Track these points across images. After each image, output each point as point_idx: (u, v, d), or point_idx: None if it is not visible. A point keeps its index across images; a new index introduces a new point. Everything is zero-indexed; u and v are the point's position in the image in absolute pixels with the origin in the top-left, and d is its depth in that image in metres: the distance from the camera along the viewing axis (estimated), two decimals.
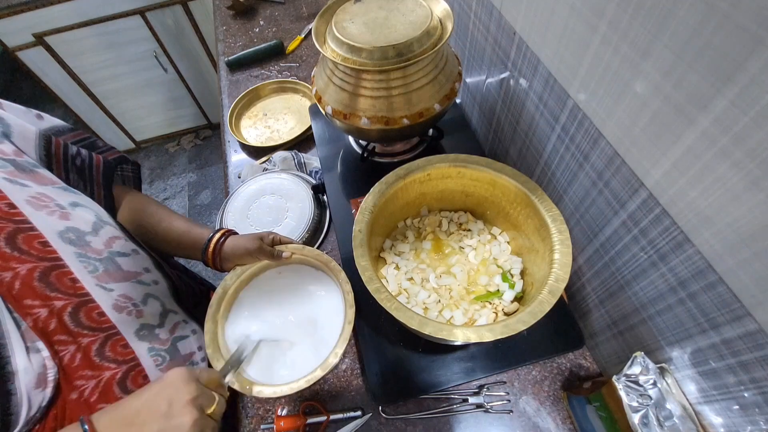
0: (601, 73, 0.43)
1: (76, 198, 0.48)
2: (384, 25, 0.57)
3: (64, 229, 0.44)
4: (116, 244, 0.49)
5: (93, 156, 0.56)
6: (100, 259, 0.46)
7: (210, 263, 0.61)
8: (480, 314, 0.58)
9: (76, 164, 0.53)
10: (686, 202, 0.38)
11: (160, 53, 1.84)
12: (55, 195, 0.45)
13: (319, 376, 0.51)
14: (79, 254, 0.45)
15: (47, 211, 0.44)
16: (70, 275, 0.44)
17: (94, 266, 0.46)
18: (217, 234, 0.61)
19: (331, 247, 0.82)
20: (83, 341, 0.44)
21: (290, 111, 1.08)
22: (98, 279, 0.46)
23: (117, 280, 0.48)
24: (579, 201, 0.55)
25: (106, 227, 0.49)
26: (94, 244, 0.46)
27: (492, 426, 0.61)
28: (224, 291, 0.60)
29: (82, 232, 0.46)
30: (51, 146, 0.50)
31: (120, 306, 0.48)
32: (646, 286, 0.47)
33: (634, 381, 0.48)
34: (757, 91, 0.29)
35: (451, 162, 0.59)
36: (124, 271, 0.49)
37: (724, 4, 0.29)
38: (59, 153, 0.51)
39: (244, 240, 0.61)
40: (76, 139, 0.57)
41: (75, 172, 0.53)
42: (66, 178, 0.51)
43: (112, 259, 0.48)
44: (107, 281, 0.47)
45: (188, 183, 2.20)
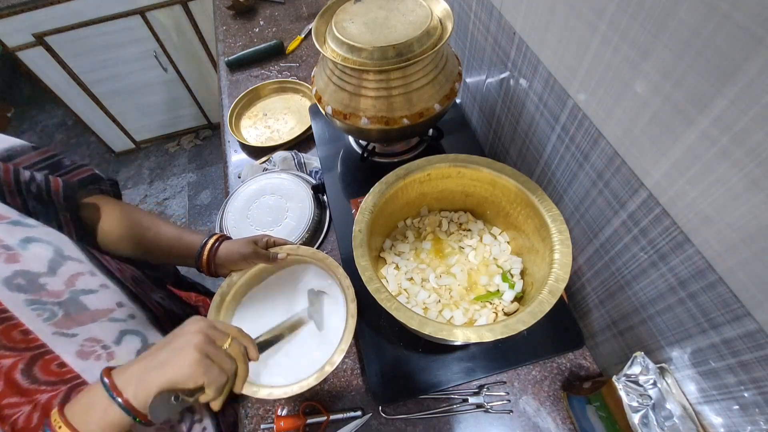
0: (601, 73, 0.43)
1: (30, 232, 0.42)
2: (384, 25, 0.57)
3: (11, 275, 0.39)
4: (80, 281, 0.45)
5: (50, 180, 0.50)
6: (59, 302, 0.42)
7: (204, 270, 0.60)
8: (480, 314, 0.58)
9: (32, 190, 0.48)
10: (686, 202, 0.38)
11: (160, 53, 1.84)
12: (1, 234, 0.40)
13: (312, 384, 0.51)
14: (30, 301, 0.40)
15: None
16: (19, 327, 0.39)
17: (51, 312, 0.41)
18: (210, 240, 0.60)
19: (331, 247, 0.82)
20: (41, 398, 0.40)
21: (290, 111, 1.08)
22: (57, 326, 0.42)
23: (82, 322, 0.44)
24: (579, 201, 0.55)
25: (67, 263, 0.44)
26: (52, 286, 0.42)
27: (492, 426, 0.61)
28: (221, 299, 0.59)
29: (35, 275, 0.41)
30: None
31: (85, 352, 0.44)
32: (646, 286, 0.47)
33: (634, 381, 0.48)
34: (757, 91, 0.29)
35: (451, 162, 0.59)
36: (91, 311, 0.45)
37: (724, 4, 0.29)
38: (9, 180, 0.46)
39: (238, 245, 0.60)
40: (41, 157, 0.53)
41: (33, 199, 0.48)
42: (23, 204, 0.46)
43: (75, 300, 0.44)
44: (69, 326, 0.43)
45: (188, 183, 2.20)
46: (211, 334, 0.39)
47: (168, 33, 1.79)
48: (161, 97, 2.07)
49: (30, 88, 2.64)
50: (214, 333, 0.40)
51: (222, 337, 0.41)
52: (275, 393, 0.51)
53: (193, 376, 0.36)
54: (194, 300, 0.73)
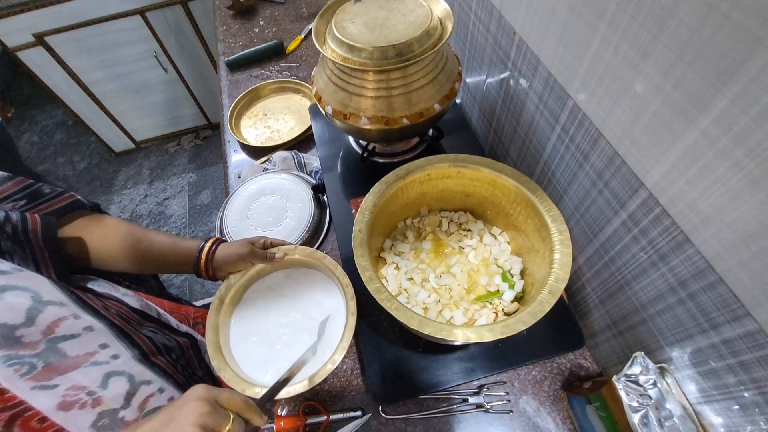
0: (601, 73, 0.43)
1: (4, 280, 0.40)
2: (384, 25, 0.57)
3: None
4: (60, 326, 0.43)
5: (27, 219, 0.47)
6: (37, 353, 0.40)
7: (203, 274, 0.59)
8: (480, 314, 0.58)
9: (7, 231, 0.45)
10: (686, 202, 0.38)
11: (160, 53, 1.84)
12: None
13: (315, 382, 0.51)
14: (6, 357, 0.38)
15: None
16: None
17: (30, 365, 0.40)
18: (207, 243, 0.60)
19: (331, 247, 0.82)
20: None
21: (290, 111, 1.08)
22: (36, 379, 0.40)
23: (62, 371, 0.42)
24: (579, 201, 0.55)
25: (47, 309, 0.42)
26: (29, 338, 0.40)
27: (492, 426, 0.61)
28: (220, 301, 0.59)
29: (11, 327, 0.39)
30: None
31: (68, 402, 0.42)
32: (646, 286, 0.47)
33: (634, 381, 0.48)
34: (757, 91, 0.29)
35: (451, 162, 0.59)
36: (71, 358, 0.43)
37: (724, 4, 0.29)
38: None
39: (235, 246, 0.60)
40: (18, 187, 0.50)
41: (7, 239, 0.45)
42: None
43: (54, 348, 0.42)
44: (50, 377, 0.41)
45: (188, 183, 2.20)
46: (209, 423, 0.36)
47: (168, 33, 1.79)
48: (161, 97, 2.07)
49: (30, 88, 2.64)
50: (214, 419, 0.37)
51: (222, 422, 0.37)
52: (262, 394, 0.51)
53: None
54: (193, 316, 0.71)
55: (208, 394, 0.38)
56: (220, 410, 0.37)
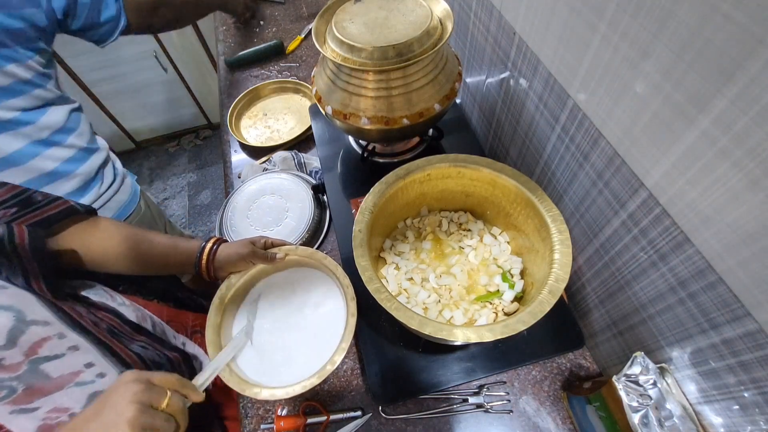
0: (601, 73, 0.43)
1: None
2: (384, 25, 0.57)
3: None
4: (44, 347, 0.42)
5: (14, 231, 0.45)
6: (17, 376, 0.40)
7: (204, 274, 0.60)
8: (480, 314, 0.58)
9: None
10: (686, 202, 0.38)
11: (160, 53, 1.84)
12: None
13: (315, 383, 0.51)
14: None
15: None
16: None
17: (10, 388, 0.39)
18: (208, 243, 0.60)
19: (331, 247, 0.82)
20: None
21: (290, 111, 1.08)
22: (15, 403, 0.39)
23: (45, 393, 0.41)
24: (579, 201, 0.55)
25: (29, 330, 0.41)
26: (9, 360, 0.39)
27: (492, 426, 0.61)
28: (221, 301, 0.59)
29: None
30: None
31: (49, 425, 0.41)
32: (646, 286, 0.47)
33: (634, 381, 0.48)
34: (757, 91, 0.29)
35: (451, 162, 0.59)
36: (53, 380, 0.42)
37: (724, 4, 0.29)
38: None
39: (236, 246, 0.60)
40: (8, 195, 0.49)
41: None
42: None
43: (35, 370, 0.41)
44: (30, 400, 0.40)
45: (188, 183, 2.20)
46: (145, 400, 0.36)
47: (168, 33, 1.79)
48: (161, 97, 2.07)
49: None
50: (149, 396, 0.36)
51: (158, 397, 0.37)
52: (277, 393, 0.51)
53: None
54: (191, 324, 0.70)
55: (140, 375, 0.38)
56: (155, 387, 0.38)
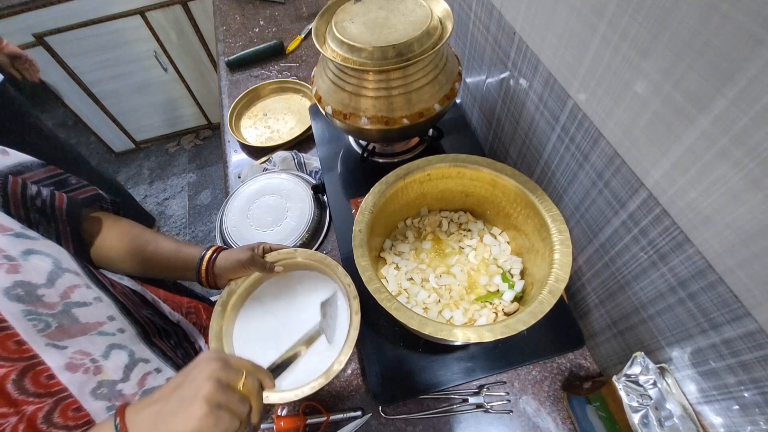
0: (601, 73, 0.43)
1: (31, 245, 0.43)
2: (384, 25, 0.57)
3: (12, 285, 0.40)
4: (75, 293, 0.45)
5: (56, 195, 0.52)
6: (53, 314, 0.43)
7: (204, 282, 0.60)
8: (480, 314, 0.58)
9: (36, 204, 0.49)
10: (686, 202, 0.38)
11: (160, 53, 1.84)
12: (4, 245, 0.41)
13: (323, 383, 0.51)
14: (27, 312, 0.41)
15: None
16: (15, 337, 0.40)
17: (46, 323, 0.42)
18: (208, 252, 0.61)
19: (331, 247, 0.82)
20: (28, 409, 0.40)
21: (290, 111, 1.08)
22: (49, 337, 0.42)
23: (72, 335, 0.44)
24: (579, 201, 0.55)
25: (64, 275, 0.45)
26: (48, 298, 0.43)
27: (492, 426, 0.61)
28: (223, 308, 0.59)
29: (34, 286, 0.42)
30: (7, 186, 0.46)
31: (75, 365, 0.44)
32: (646, 286, 0.47)
33: (634, 381, 0.48)
34: (757, 91, 0.29)
35: (451, 162, 0.59)
36: (81, 324, 0.45)
37: (724, 4, 0.29)
38: (16, 192, 0.47)
39: (236, 253, 0.60)
40: (47, 174, 0.54)
41: (36, 212, 0.49)
42: (26, 217, 0.47)
43: (68, 312, 0.44)
44: (61, 338, 0.43)
45: (188, 183, 2.20)
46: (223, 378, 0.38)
47: (168, 33, 1.79)
48: (161, 97, 2.07)
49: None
50: (227, 375, 0.38)
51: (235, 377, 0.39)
52: (286, 396, 0.51)
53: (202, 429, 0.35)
54: (186, 305, 0.72)
55: (219, 354, 0.39)
56: (233, 367, 0.39)
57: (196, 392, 0.36)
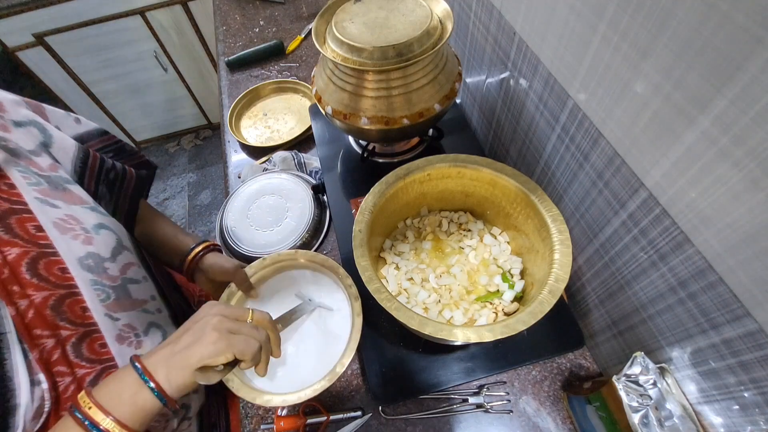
0: (601, 73, 0.43)
1: (102, 219, 0.47)
2: (384, 25, 0.57)
3: (85, 255, 0.43)
4: (130, 270, 0.49)
5: (126, 170, 0.55)
6: (113, 286, 0.46)
7: (185, 271, 0.61)
8: (480, 314, 0.58)
9: (109, 177, 0.52)
10: (686, 202, 0.38)
11: (160, 53, 1.84)
12: (82, 216, 0.45)
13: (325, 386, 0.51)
14: (94, 281, 0.44)
15: (72, 235, 0.43)
16: (81, 303, 0.43)
17: (107, 294, 0.45)
18: (201, 244, 0.62)
19: (331, 247, 0.82)
20: (79, 372, 0.43)
21: (290, 111, 1.08)
22: (107, 308, 0.45)
23: (125, 308, 0.47)
24: (579, 201, 0.55)
25: (123, 253, 0.48)
26: (111, 271, 0.46)
27: (492, 426, 0.61)
28: None
29: (102, 258, 0.45)
30: (88, 160, 0.49)
31: (122, 336, 0.47)
32: (646, 286, 0.47)
33: (634, 381, 0.48)
34: (757, 91, 0.29)
35: (451, 162, 0.59)
36: (132, 299, 0.48)
37: (724, 4, 0.29)
38: (95, 167, 0.50)
39: (224, 259, 0.61)
40: (106, 143, 0.57)
41: (105, 185, 0.52)
42: (95, 190, 0.50)
43: (124, 287, 0.47)
44: (116, 310, 0.46)
45: (188, 183, 2.20)
46: (228, 313, 0.41)
47: (168, 33, 1.79)
48: (161, 97, 2.07)
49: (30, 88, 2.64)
50: (232, 311, 0.42)
51: (241, 313, 0.42)
52: (289, 399, 0.51)
53: (219, 351, 0.38)
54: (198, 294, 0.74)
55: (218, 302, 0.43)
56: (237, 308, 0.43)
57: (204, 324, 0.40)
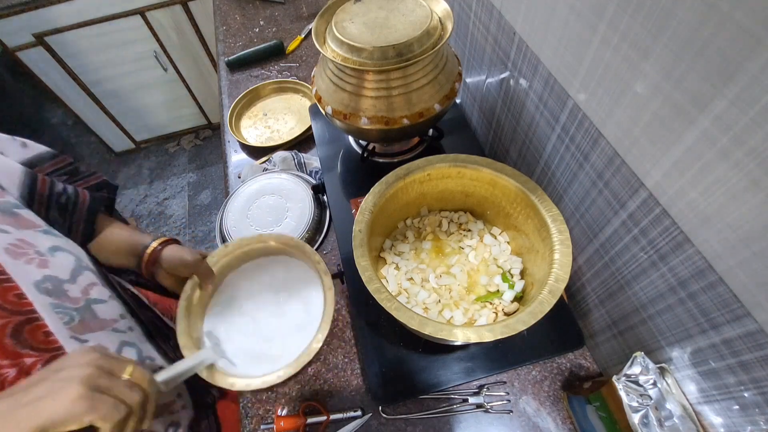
0: (601, 73, 0.43)
1: (57, 241, 0.45)
2: (384, 25, 0.57)
3: (42, 279, 0.42)
4: (93, 290, 0.47)
5: (79, 193, 0.53)
6: (76, 308, 0.44)
7: (144, 268, 0.56)
8: (480, 314, 0.58)
9: (60, 202, 0.50)
10: (686, 202, 0.38)
11: (160, 53, 1.84)
12: (35, 240, 0.43)
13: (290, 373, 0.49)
14: (55, 305, 0.42)
15: (26, 260, 0.41)
16: (44, 329, 0.41)
17: (71, 316, 0.43)
18: (159, 239, 0.57)
19: (331, 247, 0.82)
20: None
21: (290, 111, 1.08)
22: (73, 330, 0.43)
23: (93, 329, 0.45)
24: (579, 201, 0.55)
25: (84, 273, 0.46)
26: (72, 293, 0.44)
27: (492, 426, 0.61)
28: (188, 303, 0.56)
29: (60, 281, 0.43)
30: (36, 185, 0.47)
31: None
32: (646, 286, 0.47)
33: (634, 381, 0.48)
34: (757, 91, 0.29)
35: (451, 162, 0.59)
36: (99, 320, 0.47)
37: (724, 4, 0.29)
38: (44, 191, 0.48)
39: (184, 251, 0.57)
40: (58, 166, 0.55)
41: (56, 210, 0.49)
42: (45, 216, 0.48)
43: (89, 308, 0.45)
44: (82, 332, 0.44)
45: (188, 183, 2.20)
46: (104, 365, 0.34)
47: (168, 33, 1.79)
48: (161, 97, 2.07)
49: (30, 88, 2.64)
50: (110, 362, 0.35)
51: (120, 365, 0.35)
52: (269, 380, 0.49)
53: (76, 413, 0.30)
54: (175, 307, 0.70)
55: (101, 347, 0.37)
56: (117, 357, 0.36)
57: (69, 375, 0.32)
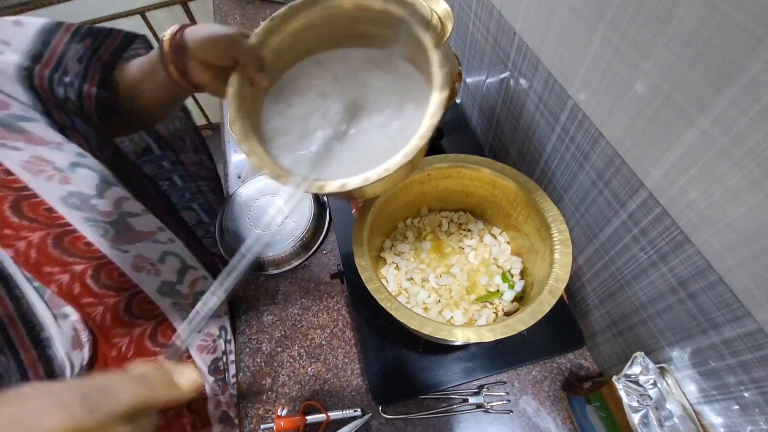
0: (601, 73, 0.43)
1: (75, 159, 0.43)
2: None
3: (67, 195, 0.42)
4: (126, 204, 0.48)
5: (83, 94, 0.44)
6: (110, 221, 0.45)
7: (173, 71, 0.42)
8: (480, 314, 0.58)
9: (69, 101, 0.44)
10: (686, 202, 0.38)
11: None
12: (51, 157, 0.41)
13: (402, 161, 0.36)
14: (86, 219, 0.43)
15: (46, 176, 0.41)
16: (83, 240, 0.43)
17: (105, 229, 0.45)
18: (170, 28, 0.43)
19: (331, 247, 0.82)
20: (109, 302, 0.45)
21: None
22: (112, 242, 0.45)
23: (131, 241, 0.47)
24: (579, 201, 0.55)
25: (112, 189, 0.46)
26: (102, 207, 0.45)
27: (492, 426, 0.61)
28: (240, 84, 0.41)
29: (87, 196, 0.43)
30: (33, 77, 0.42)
31: (139, 266, 0.48)
32: (646, 286, 0.47)
33: (634, 381, 0.48)
34: (757, 91, 0.29)
35: (451, 162, 0.59)
36: (137, 232, 0.48)
37: (724, 4, 0.29)
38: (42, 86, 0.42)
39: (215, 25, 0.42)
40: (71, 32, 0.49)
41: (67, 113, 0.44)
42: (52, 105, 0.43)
43: (123, 221, 0.47)
44: (122, 243, 0.46)
45: None
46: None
47: None
48: None
49: None
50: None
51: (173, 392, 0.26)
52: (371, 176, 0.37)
53: None
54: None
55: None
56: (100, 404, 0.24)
57: None
